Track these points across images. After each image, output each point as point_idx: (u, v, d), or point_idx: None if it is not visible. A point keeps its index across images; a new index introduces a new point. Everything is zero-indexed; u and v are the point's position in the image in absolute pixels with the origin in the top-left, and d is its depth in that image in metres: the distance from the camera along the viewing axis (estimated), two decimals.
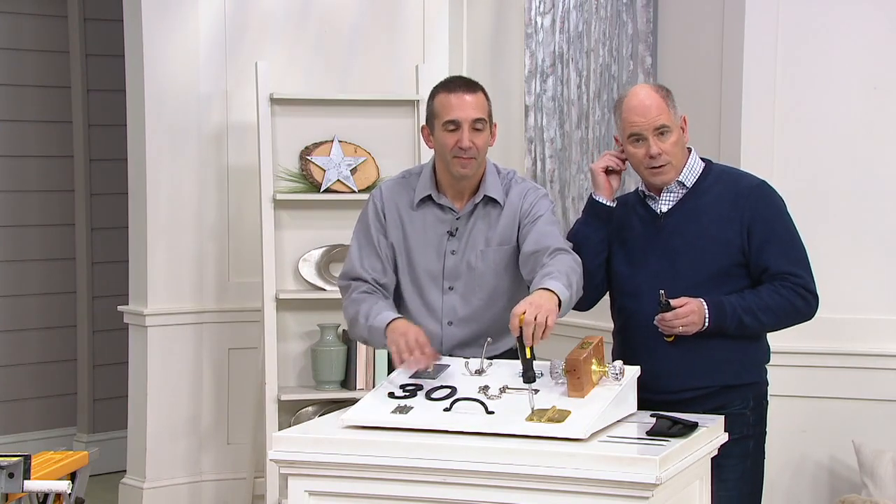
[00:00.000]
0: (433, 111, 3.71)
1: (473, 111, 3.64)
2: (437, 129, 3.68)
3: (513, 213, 3.70)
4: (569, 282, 3.44)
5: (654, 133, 3.61)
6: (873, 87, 4.58)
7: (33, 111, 6.86)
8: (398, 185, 3.80)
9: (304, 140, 5.62)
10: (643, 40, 5.07)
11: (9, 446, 6.41)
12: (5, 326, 6.82)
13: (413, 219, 3.74)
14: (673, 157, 3.63)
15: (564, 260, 3.54)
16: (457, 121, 3.63)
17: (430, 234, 3.73)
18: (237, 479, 5.89)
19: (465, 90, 3.67)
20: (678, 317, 3.54)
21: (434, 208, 3.74)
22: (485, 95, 3.70)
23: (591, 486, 2.99)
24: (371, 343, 3.70)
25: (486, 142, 3.67)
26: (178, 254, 5.84)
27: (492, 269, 3.70)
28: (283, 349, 5.54)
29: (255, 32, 5.91)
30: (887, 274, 4.58)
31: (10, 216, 6.81)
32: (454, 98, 3.65)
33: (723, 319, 3.55)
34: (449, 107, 3.65)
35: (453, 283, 3.72)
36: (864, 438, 4.49)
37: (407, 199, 3.76)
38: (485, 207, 3.72)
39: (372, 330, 3.60)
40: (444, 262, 3.72)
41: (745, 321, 3.57)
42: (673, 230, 3.64)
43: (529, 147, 5.64)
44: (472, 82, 3.72)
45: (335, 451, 3.18)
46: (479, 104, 3.67)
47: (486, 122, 3.66)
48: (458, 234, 3.72)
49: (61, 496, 3.83)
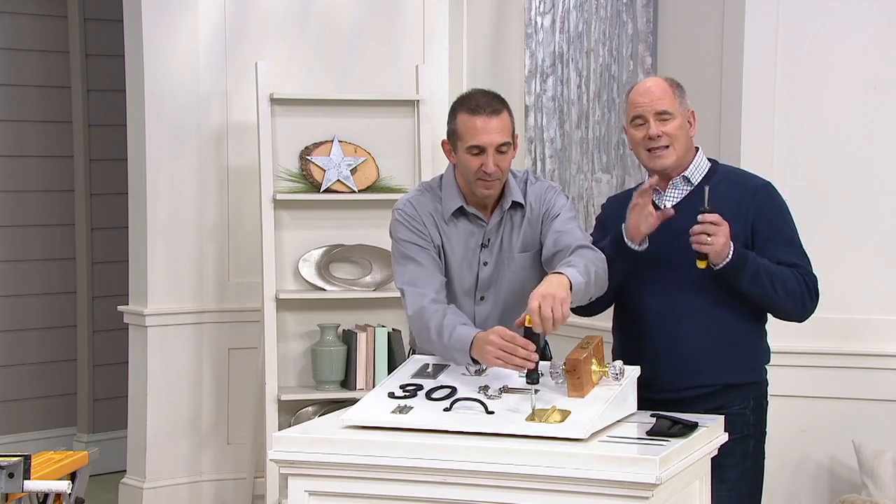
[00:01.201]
0: (456, 131, 3.60)
1: (498, 135, 3.55)
2: (461, 151, 3.59)
3: (534, 217, 3.67)
4: (587, 271, 3.40)
5: (655, 116, 3.61)
6: (873, 87, 4.58)
7: (33, 111, 6.86)
8: (424, 198, 3.70)
9: (304, 140, 5.62)
10: (643, 40, 5.07)
11: (9, 446, 6.42)
12: (5, 326, 6.82)
13: (448, 232, 3.68)
14: (674, 142, 3.62)
15: (586, 253, 3.50)
16: (482, 147, 3.55)
17: (463, 246, 3.68)
18: (237, 479, 5.89)
19: (489, 113, 3.55)
20: (712, 222, 3.47)
21: (464, 221, 3.68)
22: (509, 113, 3.61)
23: (591, 486, 2.99)
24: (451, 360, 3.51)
25: (510, 162, 3.61)
26: (178, 254, 5.84)
27: (520, 274, 3.67)
28: (283, 349, 5.55)
29: (255, 32, 5.91)
30: (887, 274, 4.58)
31: (10, 216, 6.81)
32: (479, 122, 3.54)
33: (743, 262, 3.52)
34: (474, 131, 3.55)
35: (485, 293, 3.69)
36: (864, 438, 4.48)
37: (438, 212, 3.68)
38: (512, 215, 3.68)
39: (450, 349, 3.45)
40: (477, 273, 3.68)
41: (762, 278, 3.54)
42: (676, 226, 3.64)
43: (529, 147, 5.64)
44: (496, 100, 3.60)
45: (335, 451, 3.18)
46: (504, 127, 3.57)
47: (510, 144, 3.59)
48: (490, 244, 3.68)
49: (61, 496, 3.84)
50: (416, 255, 3.63)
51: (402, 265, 3.65)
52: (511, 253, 3.67)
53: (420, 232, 3.65)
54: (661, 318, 3.65)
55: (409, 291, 3.59)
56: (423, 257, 3.63)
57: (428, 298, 3.55)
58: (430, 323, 3.49)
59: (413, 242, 3.65)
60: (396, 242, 3.68)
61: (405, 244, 3.65)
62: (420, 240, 3.65)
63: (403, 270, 3.64)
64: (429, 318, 3.50)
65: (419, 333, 3.58)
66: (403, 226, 3.67)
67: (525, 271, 3.68)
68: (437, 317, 3.49)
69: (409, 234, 3.65)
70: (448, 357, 3.49)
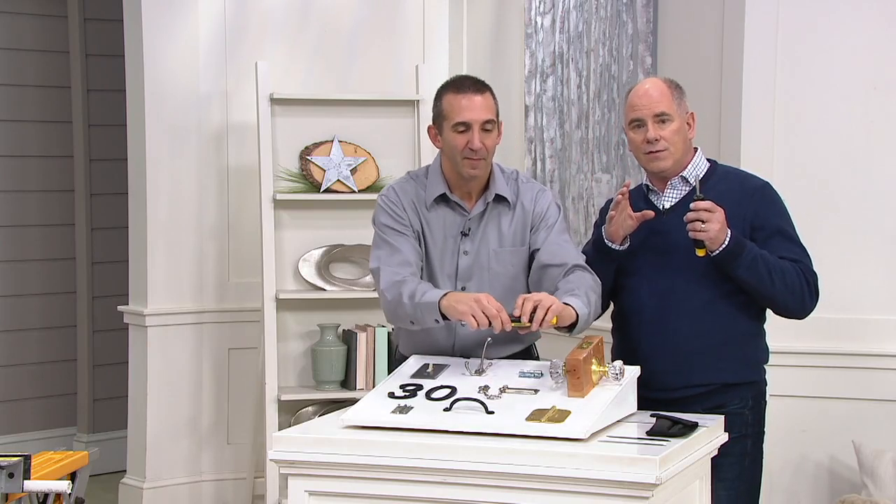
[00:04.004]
0: (441, 112, 3.68)
1: (483, 112, 3.62)
2: (446, 130, 3.65)
3: (525, 215, 3.71)
4: (588, 300, 3.48)
5: (653, 119, 3.62)
6: (873, 87, 4.58)
7: (33, 111, 6.86)
8: (408, 185, 3.76)
9: (304, 140, 5.62)
10: (643, 40, 5.07)
11: (9, 446, 6.42)
12: (5, 326, 6.82)
13: (429, 219, 3.72)
14: (672, 146, 3.63)
15: (585, 278, 3.57)
16: (467, 122, 3.61)
17: (444, 233, 3.72)
18: (237, 479, 5.90)
19: (474, 91, 3.64)
20: (704, 209, 3.48)
21: (447, 209, 3.72)
22: (492, 95, 3.68)
23: (591, 486, 2.99)
24: (419, 322, 3.55)
25: (494, 142, 3.67)
26: (178, 254, 5.84)
27: (508, 269, 3.69)
28: (283, 349, 5.55)
29: (255, 32, 5.91)
30: (887, 274, 4.58)
31: (10, 216, 6.81)
32: (464, 99, 3.62)
33: (741, 248, 3.52)
34: (459, 108, 3.62)
35: (466, 283, 3.70)
36: (864, 438, 4.48)
37: (421, 199, 3.73)
38: (496, 207, 3.71)
39: (420, 307, 3.50)
40: (457, 261, 3.71)
41: (759, 267, 3.54)
42: (674, 226, 3.64)
43: (529, 147, 5.64)
44: (480, 82, 3.70)
45: (335, 451, 3.18)
46: (489, 105, 3.65)
47: (494, 122, 3.65)
48: (472, 234, 3.70)
49: (61, 496, 3.84)
50: (394, 239, 3.68)
51: (379, 248, 3.70)
52: (495, 246, 3.70)
53: (400, 217, 3.70)
54: (658, 318, 3.66)
55: (383, 269, 3.63)
56: (401, 242, 3.67)
57: (402, 276, 3.59)
58: (404, 289, 3.53)
59: (392, 227, 3.69)
60: (377, 228, 3.73)
61: (384, 229, 3.70)
62: (399, 225, 3.69)
63: (379, 253, 3.68)
64: (403, 286, 3.54)
65: (393, 305, 3.58)
66: (384, 211, 3.72)
67: (514, 267, 3.70)
68: (411, 285, 3.54)
69: (388, 220, 3.71)
70: (417, 318, 3.51)
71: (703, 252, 3.54)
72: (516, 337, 3.63)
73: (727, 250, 3.52)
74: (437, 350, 3.69)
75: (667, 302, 3.64)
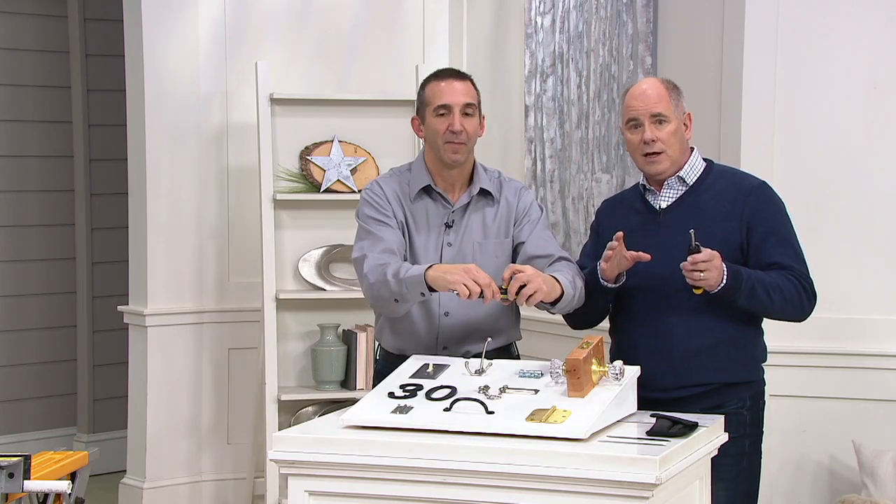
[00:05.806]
0: (424, 100, 3.78)
1: (463, 96, 3.72)
2: (428, 116, 3.74)
3: (509, 210, 3.79)
4: (573, 285, 3.59)
5: (650, 119, 3.62)
6: (873, 87, 4.58)
7: (33, 111, 6.86)
8: (392, 179, 3.83)
9: (304, 140, 5.62)
10: (643, 40, 5.07)
11: (9, 446, 6.42)
12: (5, 326, 6.82)
13: (413, 211, 3.77)
14: (669, 147, 3.64)
15: (571, 267, 3.69)
16: (448, 105, 3.71)
17: (428, 225, 3.76)
18: (237, 479, 5.90)
19: (454, 77, 3.76)
20: (703, 260, 3.47)
21: (430, 200, 3.78)
22: (473, 85, 3.78)
23: (591, 486, 2.99)
24: (404, 299, 3.56)
25: (475, 129, 3.75)
26: (178, 254, 5.84)
27: (492, 261, 3.72)
28: (283, 349, 5.55)
29: (255, 32, 5.91)
30: (887, 274, 4.58)
31: (10, 216, 6.82)
32: (444, 84, 3.74)
33: (738, 282, 3.52)
34: (439, 93, 3.73)
35: None
36: (864, 438, 4.48)
37: (405, 192, 3.79)
38: (480, 201, 3.78)
39: (406, 282, 3.51)
40: (441, 253, 3.75)
41: (758, 293, 3.55)
42: (671, 226, 3.64)
43: (529, 147, 5.64)
44: (462, 72, 3.83)
45: (335, 451, 3.18)
46: (469, 91, 3.75)
47: (475, 108, 3.74)
48: (455, 225, 3.76)
49: (61, 496, 3.84)
50: (377, 229, 3.71)
51: (362, 239, 3.73)
52: (479, 238, 3.75)
53: (383, 209, 3.74)
54: (655, 318, 3.66)
55: (369, 256, 3.65)
56: (385, 231, 3.71)
57: (385, 260, 3.61)
58: (388, 269, 3.56)
59: (375, 218, 3.74)
60: (360, 220, 3.77)
61: (368, 220, 3.75)
62: (382, 216, 3.73)
63: (362, 244, 3.71)
64: (387, 267, 3.57)
65: (377, 287, 3.59)
66: (368, 203, 3.78)
67: (498, 259, 3.75)
68: (395, 265, 3.57)
69: (372, 211, 3.75)
70: (402, 294, 3.53)
71: (700, 290, 3.55)
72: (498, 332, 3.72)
73: (725, 288, 3.53)
74: (420, 344, 3.73)
75: (664, 302, 3.64)
